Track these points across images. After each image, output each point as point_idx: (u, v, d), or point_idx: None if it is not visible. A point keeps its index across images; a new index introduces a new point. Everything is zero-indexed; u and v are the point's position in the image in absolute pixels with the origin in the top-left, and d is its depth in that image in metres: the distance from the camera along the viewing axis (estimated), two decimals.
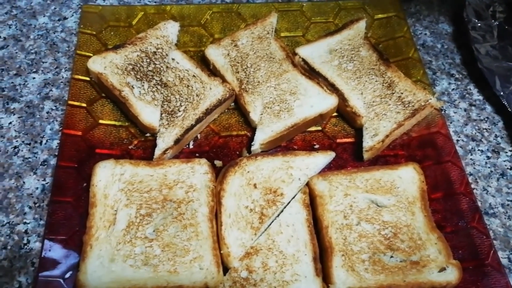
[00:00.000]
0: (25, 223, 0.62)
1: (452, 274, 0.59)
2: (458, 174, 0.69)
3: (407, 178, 0.67)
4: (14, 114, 0.71)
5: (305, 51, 0.79)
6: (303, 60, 0.79)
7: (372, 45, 0.81)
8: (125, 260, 0.57)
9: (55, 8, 0.84)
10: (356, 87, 0.75)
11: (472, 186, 0.70)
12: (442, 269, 0.59)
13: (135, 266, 0.57)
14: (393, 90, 0.75)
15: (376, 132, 0.71)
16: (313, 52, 0.80)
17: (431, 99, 0.74)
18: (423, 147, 0.72)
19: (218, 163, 0.69)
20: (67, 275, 0.57)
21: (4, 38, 0.79)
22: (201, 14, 0.84)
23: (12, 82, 0.75)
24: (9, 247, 0.60)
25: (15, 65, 0.76)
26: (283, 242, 0.61)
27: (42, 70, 0.76)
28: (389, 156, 0.72)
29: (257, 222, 0.62)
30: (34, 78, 0.75)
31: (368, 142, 0.70)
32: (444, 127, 0.74)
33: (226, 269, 0.59)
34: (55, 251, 0.58)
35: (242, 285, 0.57)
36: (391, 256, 0.60)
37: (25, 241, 0.61)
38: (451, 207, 0.66)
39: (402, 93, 0.75)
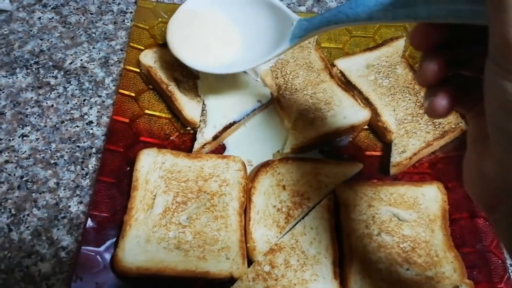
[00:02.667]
0: (70, 196, 0.68)
1: None
2: None
3: (430, 196, 0.70)
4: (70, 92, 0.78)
5: (343, 64, 0.83)
6: (341, 72, 0.82)
7: (408, 64, 0.84)
8: (159, 242, 0.62)
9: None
10: (389, 103, 0.78)
11: None
12: (456, 287, 0.62)
13: (168, 249, 0.62)
14: None
15: (405, 149, 0.74)
16: (351, 65, 0.83)
17: (461, 122, 0.76)
18: (449, 168, 0.74)
19: (251, 162, 0.73)
20: (107, 250, 0.62)
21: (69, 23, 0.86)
22: None
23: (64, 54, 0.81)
24: (53, 214, 0.66)
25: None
26: (306, 243, 0.65)
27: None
28: (414, 173, 0.74)
29: (283, 222, 0.66)
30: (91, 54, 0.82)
31: (396, 157, 0.73)
32: None
33: (250, 262, 0.63)
34: (97, 226, 0.64)
35: (264, 278, 0.62)
36: (407, 269, 0.63)
37: (69, 212, 0.67)
38: (470, 229, 0.69)
39: None
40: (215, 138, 0.73)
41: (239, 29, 0.71)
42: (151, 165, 0.68)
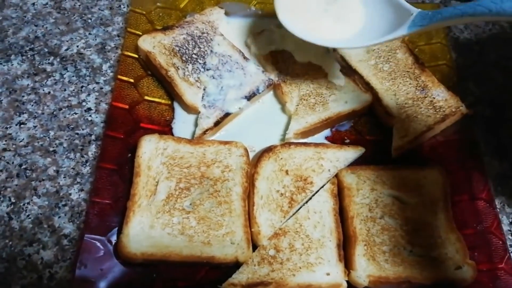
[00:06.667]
0: (72, 183, 0.67)
1: (467, 273, 0.63)
2: (481, 180, 0.72)
3: (432, 179, 0.70)
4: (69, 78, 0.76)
5: (344, 48, 0.82)
6: (341, 56, 0.81)
7: (408, 49, 0.83)
8: (163, 228, 0.62)
9: None
10: (390, 88, 0.78)
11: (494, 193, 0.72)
12: (458, 268, 0.63)
13: (172, 235, 0.61)
14: (426, 94, 0.78)
15: (406, 133, 0.74)
16: (352, 50, 0.82)
17: (462, 106, 0.76)
18: (450, 151, 0.75)
19: (253, 147, 0.72)
20: (110, 237, 0.62)
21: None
22: (246, 3, 0.87)
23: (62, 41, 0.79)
24: (53, 202, 0.65)
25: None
26: (310, 227, 0.65)
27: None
28: (416, 157, 0.74)
29: (287, 206, 0.66)
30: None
31: (397, 141, 0.73)
32: (471, 134, 0.76)
33: (255, 246, 0.63)
34: (100, 213, 0.63)
35: (270, 262, 0.62)
36: (411, 251, 0.64)
37: (70, 200, 0.66)
38: (471, 211, 0.69)
39: (434, 98, 0.77)
40: (216, 124, 0.72)
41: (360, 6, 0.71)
42: (153, 151, 0.67)
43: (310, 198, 0.68)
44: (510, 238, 0.70)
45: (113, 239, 0.62)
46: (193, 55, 0.77)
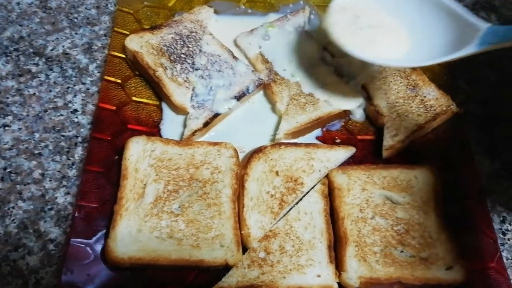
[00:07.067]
0: (57, 187, 0.66)
1: (458, 273, 0.62)
2: (473, 180, 0.71)
3: (423, 179, 0.70)
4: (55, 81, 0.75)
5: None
6: (331, 55, 0.80)
7: None
8: (151, 232, 0.61)
9: None
10: (380, 87, 0.78)
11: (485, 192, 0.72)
12: (449, 268, 0.62)
13: (161, 238, 0.60)
14: (417, 93, 0.77)
15: (397, 132, 0.73)
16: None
17: (453, 105, 0.76)
18: (441, 150, 0.74)
19: (243, 148, 0.71)
20: (97, 241, 0.61)
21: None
22: (235, 1, 0.85)
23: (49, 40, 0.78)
24: (39, 206, 0.64)
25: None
26: (300, 228, 0.64)
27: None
28: (407, 156, 0.74)
29: (277, 208, 0.65)
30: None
31: (389, 141, 0.73)
32: (462, 132, 0.76)
33: (245, 248, 0.63)
34: (86, 217, 0.62)
35: (260, 264, 0.61)
36: (402, 251, 0.63)
37: (56, 203, 0.65)
38: (463, 211, 0.69)
39: (425, 97, 0.77)
40: (205, 124, 0.71)
41: (403, 26, 0.70)
42: (140, 153, 0.66)
43: (301, 199, 0.67)
44: (501, 237, 0.70)
45: (100, 243, 0.61)
46: (182, 55, 0.76)
